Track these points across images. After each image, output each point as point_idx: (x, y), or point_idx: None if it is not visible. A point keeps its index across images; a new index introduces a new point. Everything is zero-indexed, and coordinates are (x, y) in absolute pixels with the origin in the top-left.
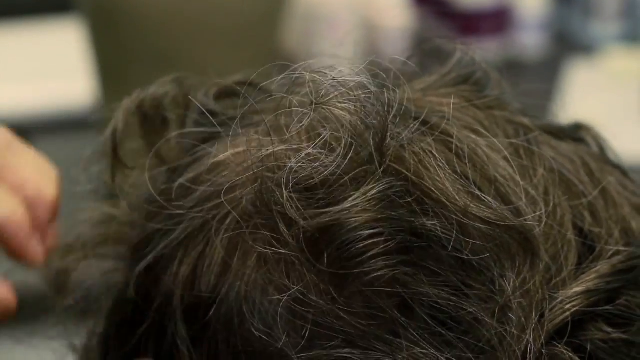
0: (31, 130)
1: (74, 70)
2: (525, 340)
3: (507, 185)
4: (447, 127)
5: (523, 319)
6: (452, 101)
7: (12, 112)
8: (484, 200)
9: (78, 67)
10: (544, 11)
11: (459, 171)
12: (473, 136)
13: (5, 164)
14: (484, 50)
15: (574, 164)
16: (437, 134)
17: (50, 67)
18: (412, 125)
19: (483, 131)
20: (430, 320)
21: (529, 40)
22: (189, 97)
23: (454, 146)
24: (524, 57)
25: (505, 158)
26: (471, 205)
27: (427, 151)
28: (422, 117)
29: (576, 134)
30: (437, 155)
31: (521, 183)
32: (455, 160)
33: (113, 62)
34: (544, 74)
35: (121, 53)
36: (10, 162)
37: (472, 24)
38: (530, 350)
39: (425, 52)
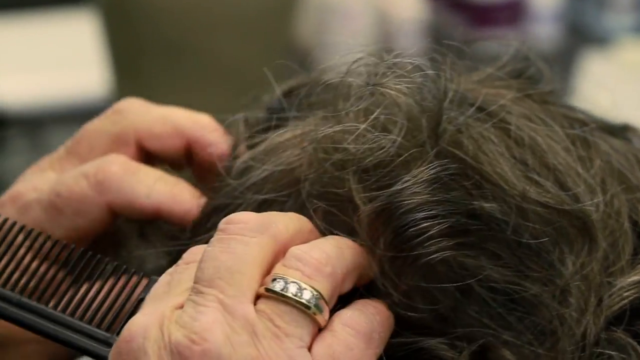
0: (45, 120)
1: (88, 61)
2: (585, 323)
3: (565, 173)
4: (505, 114)
5: (582, 302)
6: (508, 93)
7: (27, 102)
8: (543, 186)
9: (92, 58)
10: (558, 3)
11: (517, 157)
12: (532, 124)
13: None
14: (498, 42)
15: (628, 160)
16: (495, 121)
17: (65, 58)
18: (469, 111)
19: (540, 122)
20: (491, 301)
21: (543, 31)
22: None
23: (512, 133)
24: (538, 48)
25: (564, 148)
26: (530, 189)
27: (485, 136)
28: (479, 104)
29: (624, 133)
30: (495, 141)
31: (580, 172)
32: (514, 147)
33: (127, 53)
34: (558, 65)
35: (135, 44)
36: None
37: (486, 16)
38: (590, 333)
39: (443, 44)
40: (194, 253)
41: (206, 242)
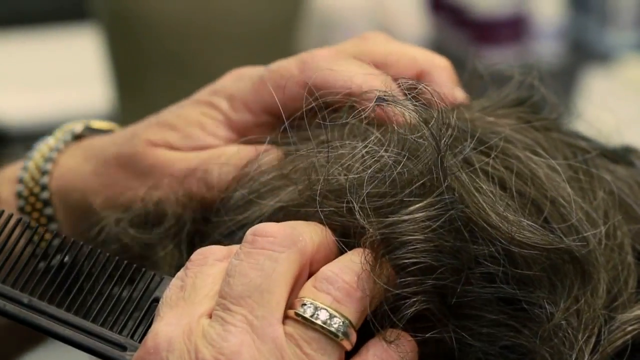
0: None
1: (90, 77)
2: (574, 357)
3: (567, 206)
4: (506, 146)
5: (572, 337)
6: (510, 122)
7: (29, 119)
8: (534, 224)
9: (94, 75)
10: (561, 20)
11: (515, 192)
12: (534, 157)
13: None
14: (500, 59)
15: (631, 188)
16: (495, 154)
17: (67, 75)
18: (469, 144)
19: (542, 152)
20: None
21: (545, 48)
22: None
23: (513, 166)
24: (540, 66)
25: (566, 179)
26: (518, 231)
27: (474, 177)
28: (479, 136)
29: (627, 157)
30: (485, 183)
31: (582, 204)
32: (513, 181)
33: (129, 69)
34: (560, 82)
35: (137, 60)
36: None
37: (488, 32)
38: None
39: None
40: (202, 254)
41: None
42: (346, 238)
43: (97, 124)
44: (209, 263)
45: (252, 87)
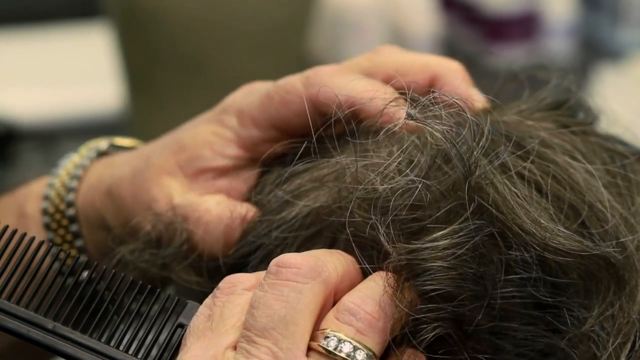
0: (58, 134)
1: (101, 74)
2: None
3: (605, 212)
4: (545, 151)
5: (605, 341)
6: (548, 125)
7: (40, 116)
8: (567, 232)
9: (106, 72)
10: (572, 17)
11: (556, 195)
12: (573, 162)
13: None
14: (511, 57)
15: None
16: (533, 157)
17: (78, 72)
18: (506, 147)
19: (580, 157)
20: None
21: (557, 46)
22: None
23: (551, 170)
24: (551, 63)
25: (604, 185)
26: (552, 237)
27: (509, 182)
28: (518, 140)
29: None
30: (518, 190)
31: (620, 210)
32: (553, 184)
33: (140, 66)
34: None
35: (148, 57)
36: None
37: (499, 30)
38: None
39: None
40: (231, 282)
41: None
42: (373, 250)
43: (121, 141)
44: (237, 292)
45: (259, 102)
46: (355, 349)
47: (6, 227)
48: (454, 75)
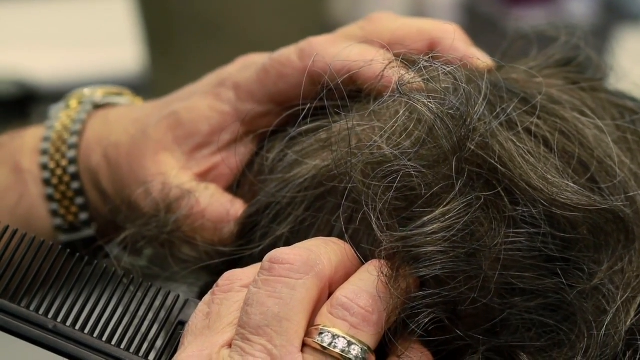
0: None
1: (122, 37)
2: (613, 312)
3: (614, 166)
4: (553, 107)
5: (614, 295)
6: (557, 81)
7: (60, 78)
8: (575, 187)
9: (126, 34)
10: None
11: (565, 150)
12: (582, 117)
13: None
14: (532, 19)
15: None
16: (541, 113)
17: (99, 34)
18: (513, 103)
19: (590, 113)
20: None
21: (578, 9)
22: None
23: (559, 126)
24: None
25: (614, 140)
26: (560, 193)
27: (514, 139)
28: (525, 97)
29: None
30: (525, 146)
31: (630, 165)
32: (561, 139)
33: (160, 29)
34: (593, 42)
35: (169, 21)
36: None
37: None
38: (620, 322)
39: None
40: (229, 279)
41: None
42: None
43: (111, 90)
44: (235, 289)
45: (256, 76)
46: (349, 344)
47: (6, 227)
48: (452, 37)
